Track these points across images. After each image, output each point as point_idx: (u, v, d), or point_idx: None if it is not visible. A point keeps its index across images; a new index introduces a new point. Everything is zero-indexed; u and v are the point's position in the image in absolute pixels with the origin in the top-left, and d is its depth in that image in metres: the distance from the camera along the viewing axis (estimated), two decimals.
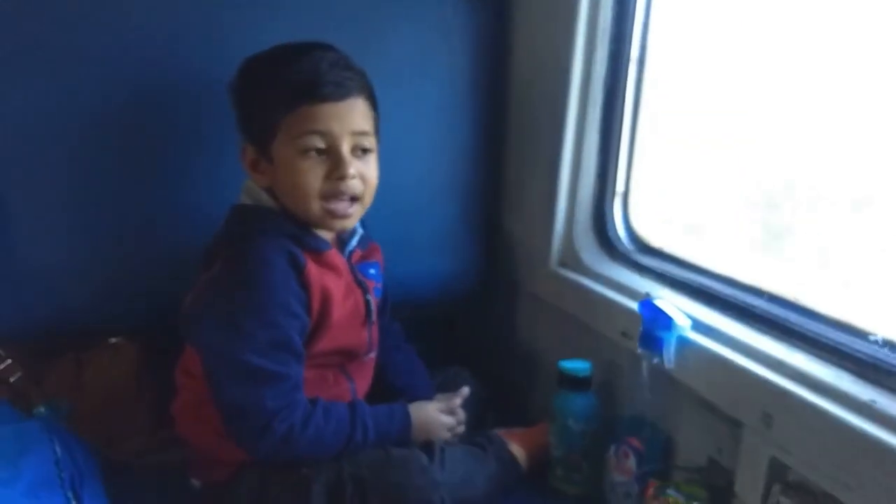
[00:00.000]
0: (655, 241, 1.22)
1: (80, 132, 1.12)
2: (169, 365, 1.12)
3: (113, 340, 1.20)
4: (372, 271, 1.17)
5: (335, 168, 1.00)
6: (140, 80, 1.13)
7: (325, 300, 1.04)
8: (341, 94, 1.00)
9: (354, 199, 1.03)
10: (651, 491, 1.00)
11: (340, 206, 1.02)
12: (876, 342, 0.85)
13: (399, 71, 1.28)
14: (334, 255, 1.08)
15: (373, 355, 1.18)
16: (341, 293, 1.07)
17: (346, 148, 1.00)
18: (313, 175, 1.00)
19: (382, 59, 1.25)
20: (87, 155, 1.13)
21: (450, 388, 1.24)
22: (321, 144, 1.00)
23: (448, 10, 1.29)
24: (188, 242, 1.13)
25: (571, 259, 1.29)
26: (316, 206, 1.01)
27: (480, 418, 1.26)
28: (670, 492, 0.98)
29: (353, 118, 1.01)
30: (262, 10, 1.18)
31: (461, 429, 1.18)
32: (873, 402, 0.79)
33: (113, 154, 1.14)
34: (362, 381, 1.16)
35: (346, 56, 1.03)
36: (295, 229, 1.03)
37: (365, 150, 1.03)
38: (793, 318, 0.94)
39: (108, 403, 1.18)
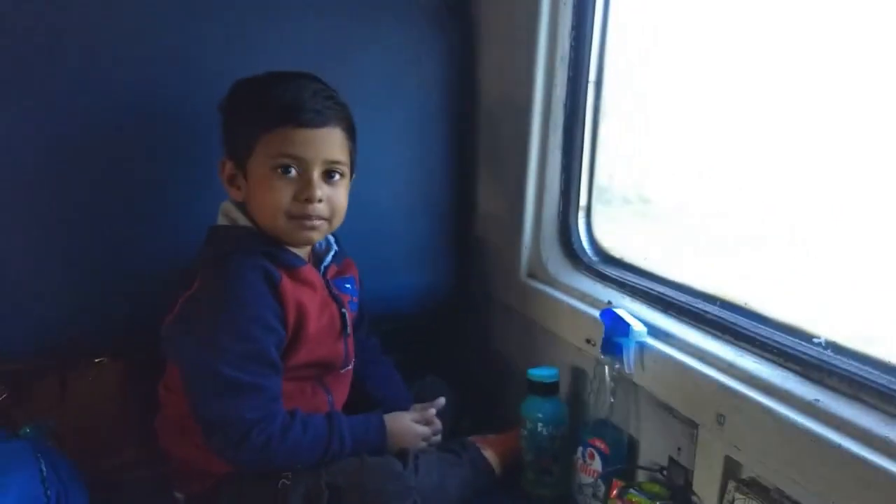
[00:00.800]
0: (616, 251, 1.26)
1: (63, 154, 1.13)
2: (152, 382, 1.14)
3: (97, 360, 1.20)
4: (347, 286, 1.20)
5: (302, 190, 1.03)
6: (120, 102, 1.15)
7: (301, 314, 1.06)
8: (320, 121, 1.03)
9: (321, 219, 1.06)
10: (615, 491, 1.02)
11: (305, 220, 1.05)
12: (819, 344, 0.89)
13: (372, 94, 1.31)
14: (309, 271, 1.10)
15: (350, 367, 1.20)
16: (316, 307, 1.09)
17: (316, 173, 1.03)
18: (282, 193, 1.03)
19: (355, 83, 1.27)
20: (69, 176, 1.14)
21: (426, 397, 1.27)
22: (293, 167, 1.03)
23: (417, 36, 1.33)
24: (170, 263, 1.16)
25: (539, 270, 1.33)
26: (282, 222, 1.04)
27: (455, 425, 1.29)
28: (633, 491, 1.00)
29: (327, 147, 1.04)
30: (236, 37, 1.21)
31: (437, 438, 1.20)
32: (817, 401, 0.82)
33: (96, 175, 1.16)
34: (339, 393, 1.18)
35: (331, 88, 1.07)
36: (270, 247, 1.06)
37: (335, 178, 1.06)
38: (742, 322, 0.98)
39: (92, 421, 1.19)
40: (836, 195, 0.97)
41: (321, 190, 1.04)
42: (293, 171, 1.03)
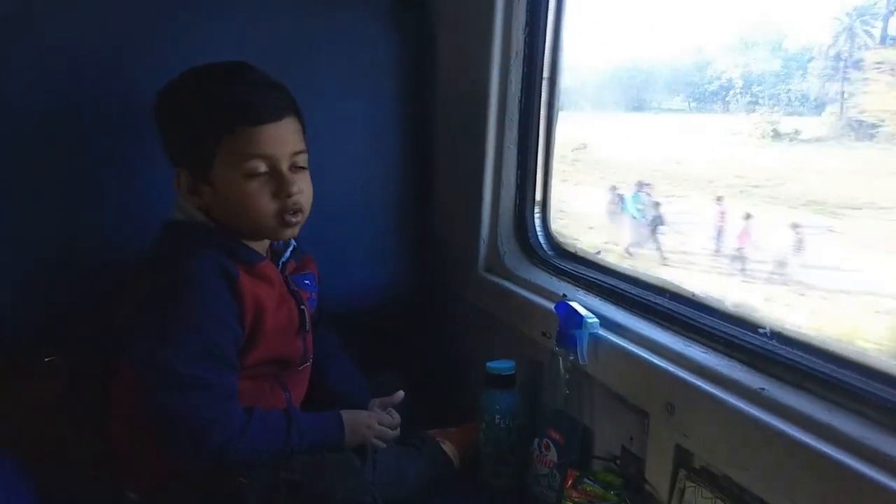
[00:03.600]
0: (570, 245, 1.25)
1: (13, 145, 1.08)
2: (102, 380, 1.09)
3: (47, 360, 1.15)
4: (307, 282, 1.16)
5: (281, 188, 1.00)
6: (68, 95, 1.10)
7: (258, 310, 1.02)
8: (278, 114, 0.99)
9: (300, 212, 1.03)
10: (570, 481, 1.01)
11: (293, 217, 1.02)
12: (765, 334, 0.88)
13: (328, 90, 1.28)
14: (267, 266, 1.06)
15: (308, 364, 1.16)
16: (274, 303, 1.06)
17: (285, 167, 1.00)
18: (262, 196, 0.99)
19: (312, 78, 1.25)
20: (17, 168, 1.09)
21: (384, 392, 1.24)
22: (263, 167, 0.99)
23: (373, 32, 1.30)
24: (123, 258, 1.10)
25: (496, 264, 1.31)
26: (270, 223, 1.01)
27: (414, 419, 1.26)
28: (587, 481, 0.99)
29: (289, 138, 1.01)
30: (190, 30, 1.17)
31: (396, 432, 1.17)
32: (762, 389, 0.82)
33: (46, 168, 1.10)
34: (297, 391, 1.15)
35: (266, 73, 1.02)
36: (227, 242, 1.02)
37: (300, 167, 1.03)
38: (690, 313, 0.97)
39: (42, 421, 1.13)
40: None
41: (296, 183, 1.01)
42: (262, 169, 0.99)
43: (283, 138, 0.99)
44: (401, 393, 1.22)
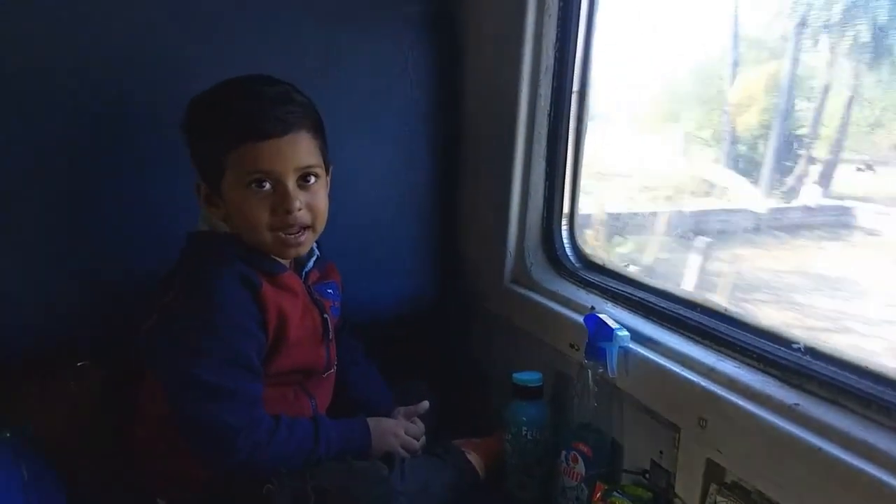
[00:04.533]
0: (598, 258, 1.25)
1: (39, 158, 1.09)
2: (133, 387, 1.10)
3: (79, 364, 1.16)
4: (329, 291, 1.17)
5: (281, 203, 0.99)
6: (102, 107, 1.11)
7: (282, 320, 1.03)
8: (282, 129, 0.98)
9: (305, 227, 1.02)
10: (598, 494, 1.00)
11: (291, 236, 1.01)
12: (798, 350, 0.88)
13: (357, 101, 1.28)
14: (290, 277, 1.07)
15: (332, 372, 1.16)
16: (298, 313, 1.06)
17: (290, 183, 0.99)
18: (260, 209, 0.99)
19: (342, 90, 1.25)
20: (51, 182, 1.10)
21: (409, 401, 1.24)
22: (266, 182, 0.98)
23: (404, 45, 1.31)
24: (151, 267, 1.11)
25: (522, 276, 1.31)
26: (267, 237, 1.01)
27: (438, 429, 1.26)
28: (616, 495, 0.99)
29: (295, 154, 0.99)
30: (225, 44, 1.18)
31: (421, 441, 1.17)
32: (797, 405, 0.81)
33: (78, 181, 1.12)
34: (323, 398, 1.15)
35: (290, 87, 1.02)
36: (250, 253, 1.02)
37: (311, 181, 1.02)
38: (722, 328, 0.96)
39: (74, 426, 1.14)
40: None
41: (299, 199, 0.99)
42: (267, 185, 0.98)
43: (288, 154, 0.98)
44: (426, 403, 1.22)
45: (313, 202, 1.02)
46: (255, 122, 0.97)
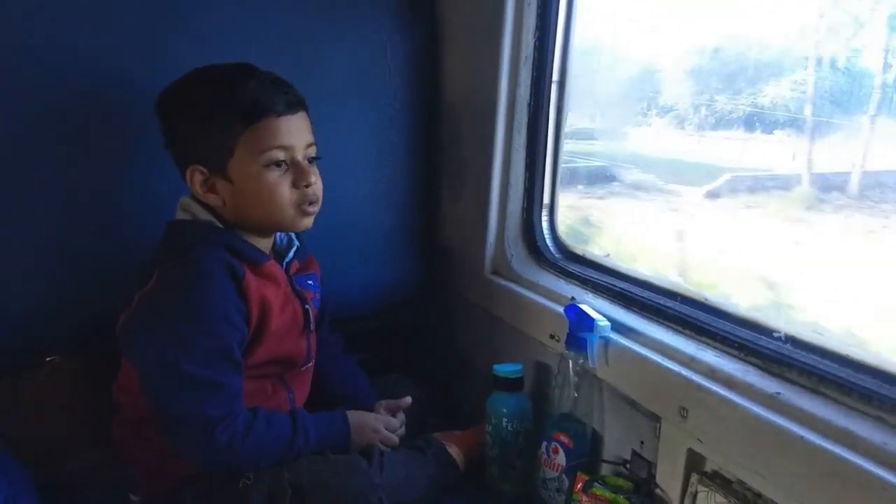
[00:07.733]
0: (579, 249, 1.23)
1: (18, 148, 1.05)
2: (106, 381, 1.06)
3: (49, 359, 1.12)
4: (310, 282, 1.14)
5: (300, 178, 0.99)
6: (76, 95, 1.07)
7: (264, 310, 1.00)
8: (294, 108, 0.99)
9: (317, 202, 1.03)
10: (579, 485, 0.99)
11: (310, 206, 1.02)
12: (779, 338, 0.87)
13: (336, 92, 1.25)
14: (273, 266, 1.04)
15: (311, 365, 1.14)
16: (279, 303, 1.03)
17: (302, 157, 1.00)
18: (283, 186, 0.99)
19: (321, 78, 1.23)
20: (23, 170, 1.06)
21: (391, 394, 1.22)
22: (283, 157, 0.98)
23: (381, 35, 1.28)
24: (124, 259, 1.08)
25: (503, 267, 1.29)
26: (289, 213, 1.01)
27: (420, 422, 1.24)
28: (597, 485, 0.97)
29: (305, 130, 1.01)
30: (202, 30, 1.14)
31: (401, 431, 1.15)
32: (778, 394, 0.80)
33: (51, 170, 1.07)
34: (300, 392, 1.12)
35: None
36: (233, 241, 0.99)
37: (313, 159, 1.03)
38: (703, 317, 0.95)
39: (44, 423, 1.09)
40: None
41: (313, 174, 1.01)
42: (283, 160, 0.99)
43: (300, 129, 1.00)
44: (408, 398, 1.20)
45: (318, 179, 1.03)
46: (268, 100, 0.97)
